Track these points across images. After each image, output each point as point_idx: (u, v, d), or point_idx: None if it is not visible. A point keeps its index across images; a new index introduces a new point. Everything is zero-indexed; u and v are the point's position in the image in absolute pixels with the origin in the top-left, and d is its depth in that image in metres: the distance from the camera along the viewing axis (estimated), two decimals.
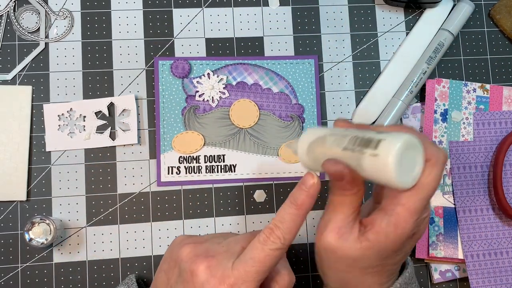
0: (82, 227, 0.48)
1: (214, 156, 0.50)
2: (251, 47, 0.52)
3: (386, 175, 0.31)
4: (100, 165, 0.49)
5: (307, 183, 0.35)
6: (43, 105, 0.49)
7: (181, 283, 0.36)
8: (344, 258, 0.36)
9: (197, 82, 0.51)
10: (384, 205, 0.35)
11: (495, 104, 0.52)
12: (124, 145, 0.50)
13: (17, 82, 0.50)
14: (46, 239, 0.45)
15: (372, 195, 0.40)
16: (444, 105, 0.52)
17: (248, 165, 0.50)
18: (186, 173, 0.50)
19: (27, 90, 0.49)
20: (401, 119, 0.52)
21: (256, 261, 0.33)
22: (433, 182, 0.34)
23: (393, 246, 0.35)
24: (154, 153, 0.50)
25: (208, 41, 0.52)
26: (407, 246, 0.37)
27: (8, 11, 0.50)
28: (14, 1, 0.50)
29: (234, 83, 0.51)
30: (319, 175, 0.43)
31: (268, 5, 0.53)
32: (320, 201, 0.49)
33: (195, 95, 0.51)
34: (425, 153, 0.33)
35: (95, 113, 0.50)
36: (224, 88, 0.51)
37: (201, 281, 0.34)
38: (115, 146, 0.50)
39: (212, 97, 0.51)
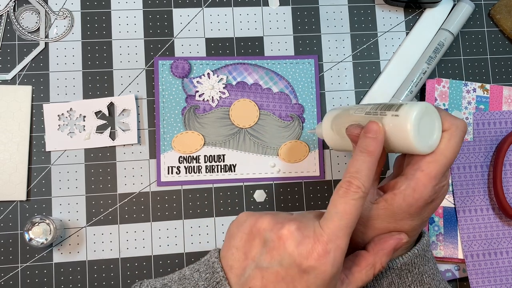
0: (82, 227, 0.48)
1: (214, 156, 0.50)
2: (251, 47, 0.52)
3: (404, 135, 0.34)
4: (100, 165, 0.49)
5: (372, 130, 0.36)
6: (43, 105, 0.49)
7: (267, 253, 0.34)
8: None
9: (197, 82, 0.51)
10: (405, 171, 0.37)
11: (495, 104, 0.52)
12: (124, 145, 0.50)
13: (17, 82, 0.49)
14: (46, 239, 0.45)
15: (394, 168, 0.42)
16: (444, 105, 0.52)
17: (248, 165, 0.50)
18: (186, 173, 0.50)
19: (27, 90, 0.49)
20: None
21: (343, 214, 0.33)
22: (452, 150, 0.36)
23: (409, 209, 0.36)
24: (154, 153, 0.50)
25: (208, 41, 0.52)
26: (425, 213, 0.38)
27: (8, 11, 0.50)
28: (14, 1, 0.50)
29: (234, 83, 0.51)
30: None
31: (268, 5, 0.53)
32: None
33: (195, 95, 0.51)
34: (444, 122, 0.36)
35: (95, 113, 0.50)
36: (224, 88, 0.51)
37: (294, 244, 0.33)
38: (115, 146, 0.50)
39: (212, 97, 0.51)
